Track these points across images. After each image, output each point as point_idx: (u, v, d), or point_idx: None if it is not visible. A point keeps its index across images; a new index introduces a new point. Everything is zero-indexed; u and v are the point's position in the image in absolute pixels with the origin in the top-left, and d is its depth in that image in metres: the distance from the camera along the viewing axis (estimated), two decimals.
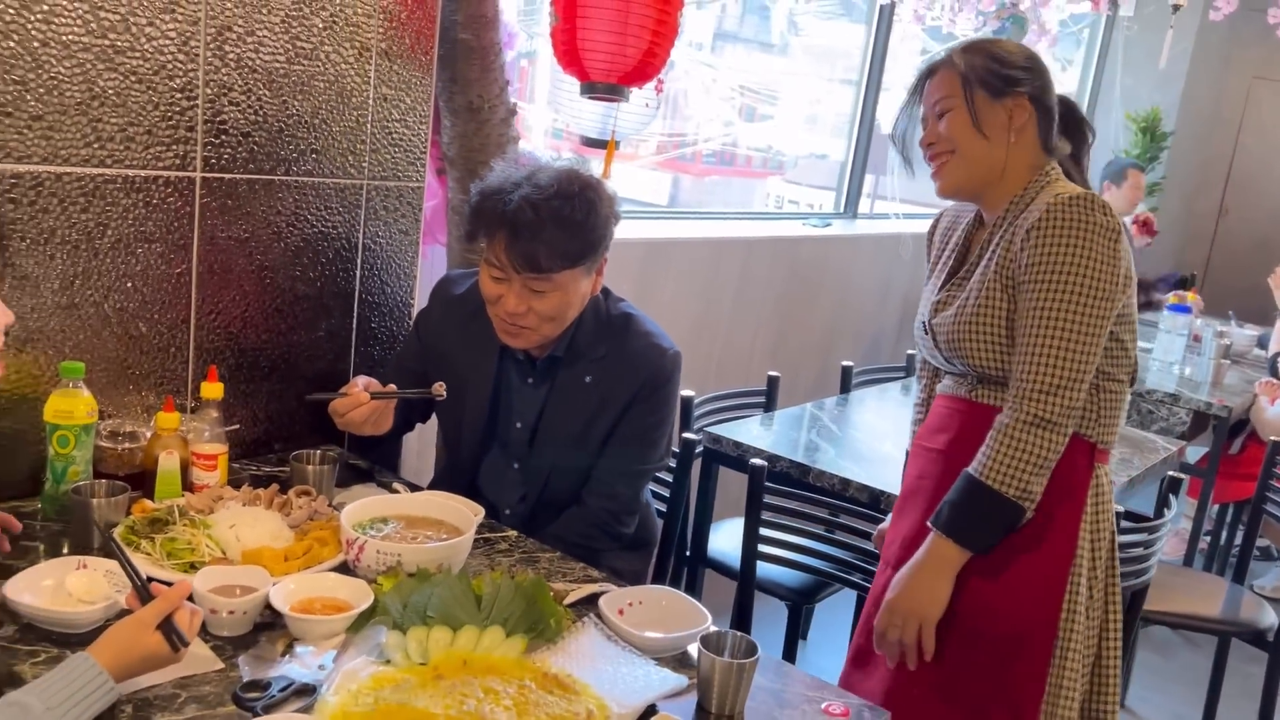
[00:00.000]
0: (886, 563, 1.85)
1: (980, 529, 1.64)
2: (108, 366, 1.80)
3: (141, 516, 1.60)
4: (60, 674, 1.16)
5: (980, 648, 1.70)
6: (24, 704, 1.11)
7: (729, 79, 4.52)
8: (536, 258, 1.76)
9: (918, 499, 1.80)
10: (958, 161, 1.73)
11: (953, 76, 1.73)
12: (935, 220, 1.96)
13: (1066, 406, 1.60)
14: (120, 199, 1.74)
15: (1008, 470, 1.61)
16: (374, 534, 1.60)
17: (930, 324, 1.79)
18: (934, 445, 1.80)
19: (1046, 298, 1.60)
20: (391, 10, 2.03)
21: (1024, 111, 1.71)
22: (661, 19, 2.08)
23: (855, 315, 4.38)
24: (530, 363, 1.95)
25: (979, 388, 1.75)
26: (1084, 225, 1.59)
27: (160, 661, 1.24)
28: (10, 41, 1.57)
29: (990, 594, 1.69)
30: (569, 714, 1.28)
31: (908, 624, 1.68)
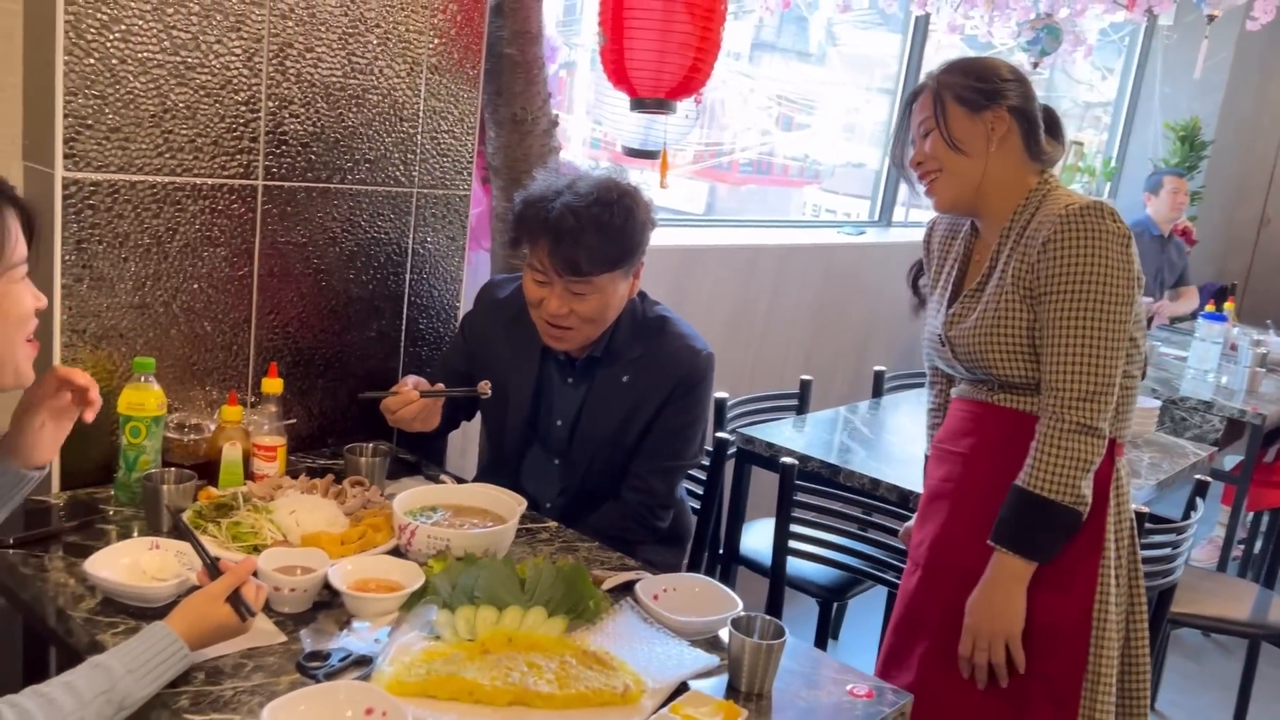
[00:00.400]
0: (916, 564, 1.91)
1: (1042, 539, 1.70)
2: (175, 363, 1.91)
3: (208, 502, 1.71)
4: (140, 641, 1.26)
5: (1020, 641, 1.74)
6: (108, 666, 1.22)
7: (766, 88, 4.59)
8: (578, 262, 1.86)
9: (943, 502, 1.87)
10: (945, 178, 1.81)
11: (930, 98, 1.81)
12: (930, 226, 2.03)
13: (1104, 410, 1.67)
14: (188, 205, 1.86)
15: (1059, 478, 1.67)
16: (424, 520, 1.70)
17: (947, 336, 1.85)
18: (957, 449, 1.86)
19: (1072, 307, 1.66)
20: (442, 27, 2.13)
21: (1003, 123, 1.78)
22: (704, 36, 2.16)
23: (888, 322, 4.43)
24: (570, 363, 2.04)
25: (999, 393, 1.81)
26: (1098, 234, 1.66)
27: (229, 631, 1.34)
28: (91, 59, 1.68)
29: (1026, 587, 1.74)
30: (607, 687, 1.36)
31: (994, 644, 1.73)
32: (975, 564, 1.75)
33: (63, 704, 1.15)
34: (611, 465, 2.04)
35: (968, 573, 1.77)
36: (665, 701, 1.37)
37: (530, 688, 1.34)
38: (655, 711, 1.34)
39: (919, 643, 1.86)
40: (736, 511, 2.78)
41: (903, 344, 4.55)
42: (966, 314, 1.82)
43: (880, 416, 3.13)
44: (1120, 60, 6.59)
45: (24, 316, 1.27)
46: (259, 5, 1.85)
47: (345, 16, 1.98)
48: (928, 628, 1.86)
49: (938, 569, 1.85)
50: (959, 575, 1.79)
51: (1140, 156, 6.54)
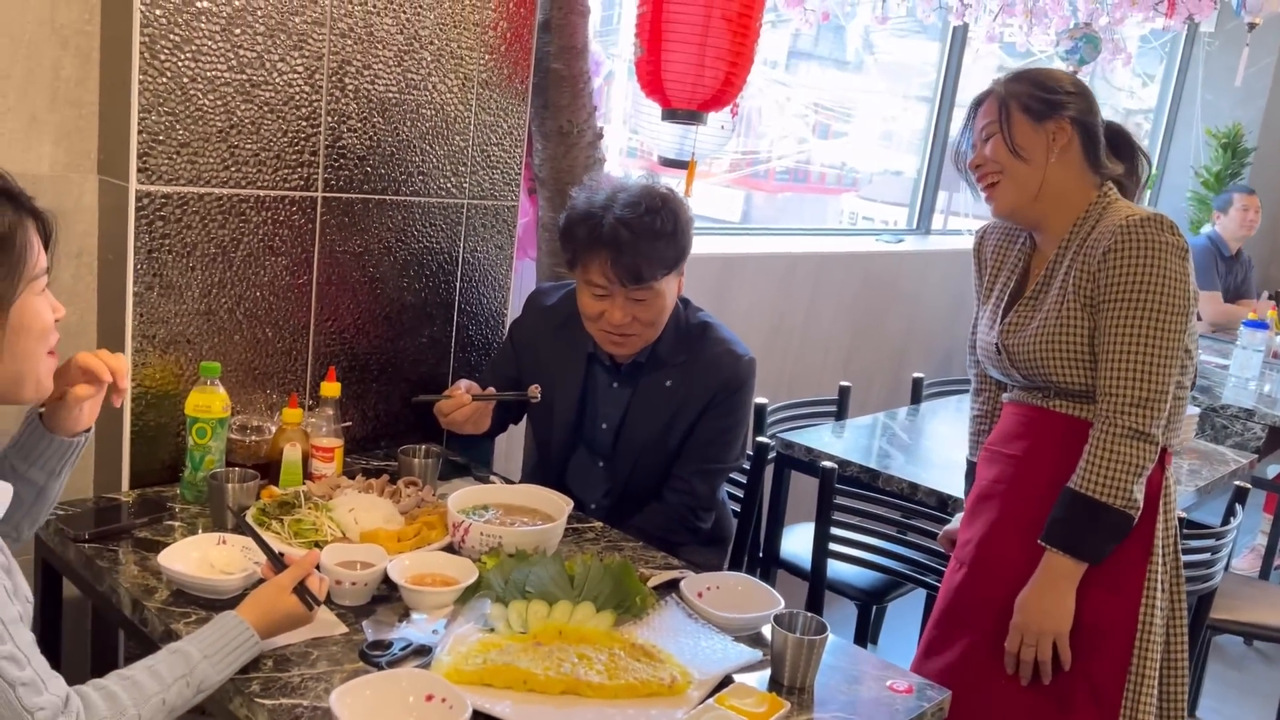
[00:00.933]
0: (961, 562, 1.94)
1: (1093, 540, 1.73)
2: (238, 367, 2.00)
3: (271, 500, 1.79)
4: (214, 629, 1.34)
5: (1068, 639, 1.77)
6: (186, 652, 1.29)
7: (803, 97, 4.63)
8: (640, 270, 1.93)
9: (992, 502, 1.90)
10: (1006, 184, 1.84)
11: (996, 104, 1.85)
12: (981, 234, 2.05)
13: (1158, 416, 1.71)
14: (252, 216, 1.94)
15: (1112, 481, 1.70)
16: (477, 518, 1.76)
17: (1003, 344, 1.88)
18: (1010, 451, 1.89)
19: (1129, 316, 1.70)
20: (492, 44, 2.21)
21: (1065, 134, 1.81)
22: (739, 49, 2.22)
23: (927, 330, 4.45)
24: (615, 368, 2.10)
25: (1055, 399, 1.84)
26: (1158, 246, 1.70)
27: (297, 620, 1.41)
28: (164, 78, 1.77)
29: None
30: (654, 679, 1.42)
31: (1042, 641, 1.76)
32: (1022, 563, 1.79)
33: (146, 686, 1.23)
34: (655, 468, 2.10)
35: (1014, 571, 1.80)
36: (710, 693, 1.42)
37: (581, 678, 1.40)
38: (701, 702, 1.40)
39: (961, 638, 1.90)
40: (776, 515, 2.83)
41: (941, 351, 4.57)
42: (1025, 322, 1.85)
43: (919, 423, 3.17)
44: (1161, 67, 6.56)
45: (45, 329, 1.25)
46: (320, 25, 1.94)
47: (401, 35, 2.06)
48: (971, 623, 1.89)
49: (984, 566, 1.89)
50: (1006, 573, 1.83)
51: (1182, 164, 6.50)
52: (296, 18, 1.90)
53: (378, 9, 2.01)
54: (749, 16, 2.22)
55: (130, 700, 1.21)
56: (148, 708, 1.22)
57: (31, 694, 1.13)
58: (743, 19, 2.21)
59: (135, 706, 1.21)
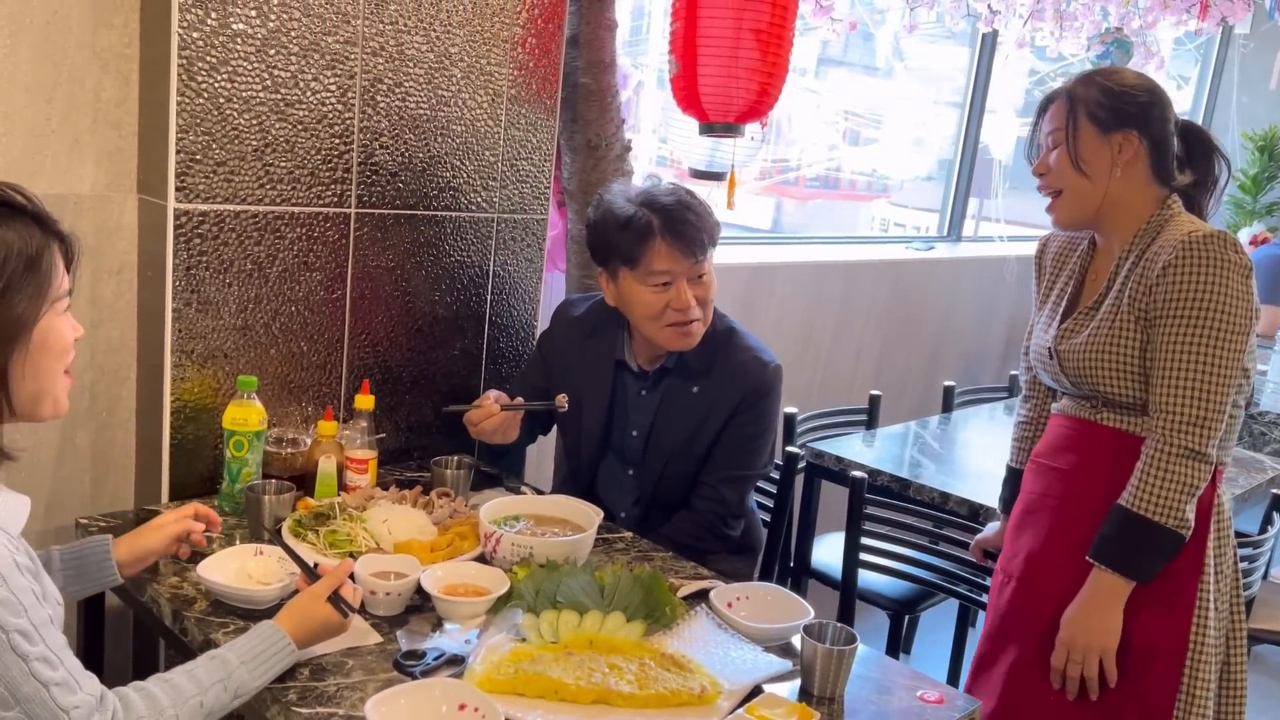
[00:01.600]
0: (1009, 575, 1.93)
1: (1142, 559, 1.71)
2: (274, 380, 2.03)
3: (306, 512, 1.82)
4: (252, 637, 1.37)
5: (1114, 656, 1.76)
6: (224, 658, 1.32)
7: (833, 104, 4.63)
8: (701, 239, 2.00)
9: (1040, 515, 1.89)
10: (1065, 200, 1.82)
11: (1064, 108, 1.80)
12: (1043, 242, 2.03)
13: (1213, 436, 1.68)
14: (287, 233, 1.98)
15: (1164, 500, 1.68)
16: (508, 529, 1.78)
17: (1056, 350, 1.87)
18: (1058, 465, 1.88)
19: (1188, 334, 1.67)
20: (521, 60, 2.24)
21: (1131, 147, 1.77)
22: (773, 61, 2.23)
23: (959, 337, 4.43)
24: (643, 375, 2.12)
25: (1103, 411, 1.82)
26: (1220, 263, 1.66)
27: (332, 629, 1.44)
28: (201, 98, 1.81)
29: (1126, 607, 1.74)
30: (684, 688, 1.43)
31: (1089, 658, 1.75)
32: (1072, 579, 1.77)
33: (184, 688, 1.27)
34: (683, 475, 2.11)
35: (1064, 587, 1.79)
36: (740, 703, 1.43)
37: (612, 687, 1.41)
38: (731, 712, 1.41)
39: (1010, 652, 1.88)
40: (807, 525, 2.83)
41: (973, 359, 4.55)
42: (1079, 330, 1.83)
43: (950, 431, 3.16)
44: (1196, 70, 6.50)
45: (65, 349, 1.28)
46: (352, 44, 1.97)
47: (431, 53, 2.09)
48: (1020, 638, 1.88)
49: (1033, 583, 1.88)
50: (1056, 591, 1.81)
51: None
52: (329, 38, 1.94)
53: (408, 28, 2.04)
54: (781, 27, 2.23)
55: (169, 701, 1.24)
56: (185, 709, 1.25)
57: (65, 694, 1.17)
58: (775, 29, 2.22)
59: (174, 708, 1.24)
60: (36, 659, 1.16)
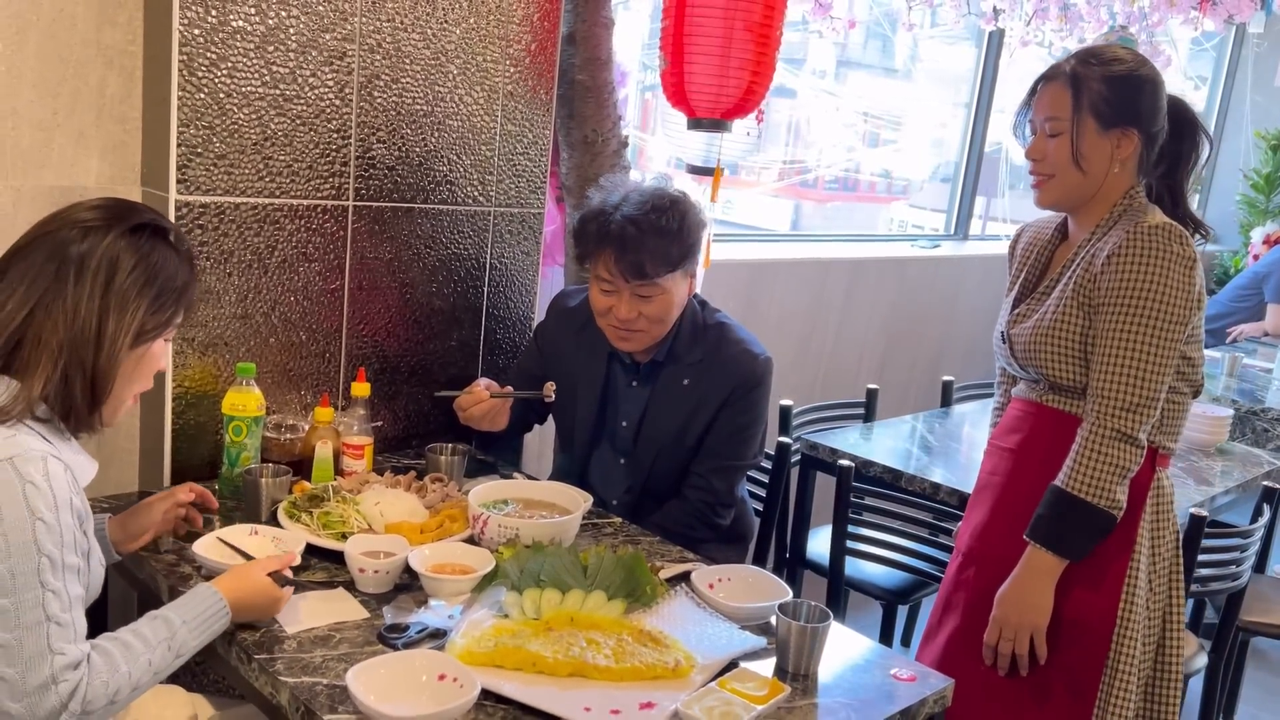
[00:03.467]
0: (959, 550, 1.99)
1: (1075, 538, 1.76)
2: (273, 368, 2.09)
3: (301, 495, 1.87)
4: (192, 598, 1.43)
5: (1045, 634, 1.80)
6: (167, 618, 1.39)
7: (852, 105, 4.65)
8: (643, 266, 1.99)
9: (988, 493, 1.95)
10: (1055, 185, 1.83)
11: (1066, 97, 1.77)
12: (1017, 234, 2.07)
13: (1145, 421, 1.73)
14: (286, 224, 2.04)
15: (1095, 481, 1.73)
16: (496, 512, 1.83)
17: (1009, 334, 1.92)
18: (1006, 445, 1.93)
19: (1126, 322, 1.72)
20: (517, 57, 2.29)
21: (1130, 144, 1.79)
22: (759, 59, 2.27)
23: (964, 335, 4.45)
24: (635, 367, 2.16)
25: (1049, 394, 1.87)
26: (1163, 255, 1.70)
27: (268, 596, 1.48)
28: (202, 93, 1.87)
29: (1056, 584, 1.79)
30: (660, 663, 1.47)
31: (1020, 635, 1.80)
32: (1010, 555, 1.82)
33: (134, 646, 1.33)
34: (675, 465, 2.15)
35: (1002, 563, 1.83)
36: (714, 677, 1.47)
37: (589, 661, 1.45)
38: (703, 685, 1.44)
39: (949, 624, 1.93)
40: (801, 516, 2.86)
41: (979, 356, 4.56)
42: (1029, 314, 1.88)
43: (948, 425, 3.18)
44: (1209, 68, 6.48)
45: (151, 374, 1.44)
46: (350, 41, 2.03)
47: (428, 50, 2.14)
48: (958, 610, 1.92)
49: (975, 558, 1.93)
50: (993, 564, 1.86)
51: (1230, 166, 6.41)
52: (327, 35, 1.99)
53: (405, 25, 2.10)
54: (769, 25, 2.27)
55: (121, 658, 1.30)
56: (136, 666, 1.31)
57: (61, 637, 1.23)
58: (763, 28, 2.26)
59: (126, 664, 1.30)
60: (52, 591, 1.23)
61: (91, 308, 1.30)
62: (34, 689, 1.21)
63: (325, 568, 1.71)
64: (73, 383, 1.31)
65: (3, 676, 1.22)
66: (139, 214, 1.39)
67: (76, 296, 1.30)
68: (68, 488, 1.28)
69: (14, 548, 1.22)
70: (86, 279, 1.31)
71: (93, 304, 1.30)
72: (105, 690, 1.27)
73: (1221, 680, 2.63)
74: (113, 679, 1.28)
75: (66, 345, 1.29)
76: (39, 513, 1.23)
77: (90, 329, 1.30)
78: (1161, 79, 1.81)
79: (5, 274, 1.32)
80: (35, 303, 1.29)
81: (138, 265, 1.34)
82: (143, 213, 1.40)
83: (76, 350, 1.30)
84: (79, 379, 1.31)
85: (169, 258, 1.38)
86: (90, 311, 1.30)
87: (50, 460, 1.27)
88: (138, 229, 1.36)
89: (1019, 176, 5.18)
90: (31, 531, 1.23)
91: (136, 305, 1.34)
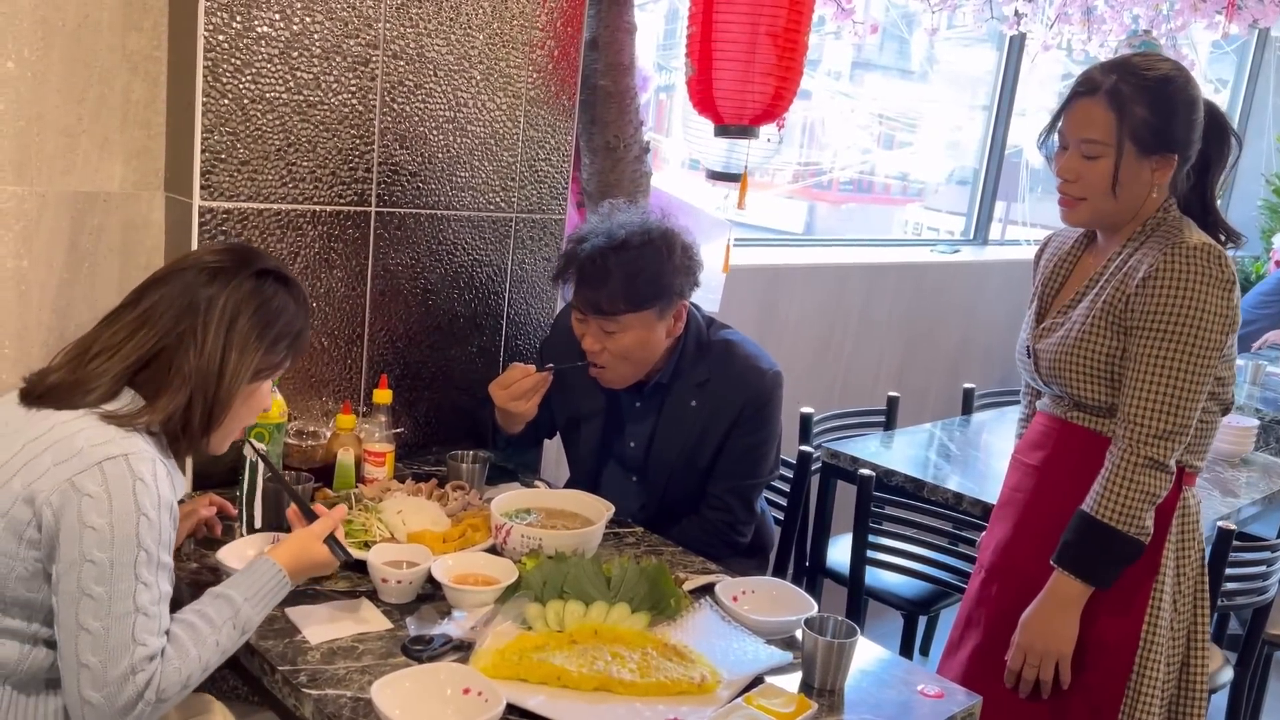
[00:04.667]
0: (980, 566, 1.96)
1: (1103, 566, 1.73)
2: (295, 375, 2.08)
3: (323, 502, 1.86)
4: (252, 573, 1.44)
5: (1070, 661, 1.77)
6: (228, 596, 1.40)
7: (867, 107, 4.63)
8: (599, 302, 1.96)
9: (1011, 509, 1.92)
10: (1085, 209, 1.77)
11: (1107, 120, 1.70)
12: (1043, 244, 2.03)
13: (1177, 448, 1.70)
14: (308, 230, 2.03)
15: (1124, 508, 1.70)
16: (519, 521, 1.82)
17: (1034, 348, 1.88)
18: (1030, 461, 1.91)
19: (1162, 347, 1.68)
20: (540, 62, 2.28)
21: (1169, 169, 1.73)
22: (787, 63, 2.25)
23: (984, 341, 4.42)
24: (637, 387, 2.13)
25: (1074, 411, 1.84)
26: (1201, 277, 1.66)
27: (323, 567, 1.53)
28: (226, 99, 1.87)
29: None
30: (685, 678, 1.46)
31: (1045, 663, 1.77)
32: (1033, 573, 1.79)
33: (202, 629, 1.35)
34: (688, 485, 2.13)
35: (1025, 579, 1.81)
36: (740, 693, 1.46)
37: (614, 675, 1.44)
38: (730, 701, 1.43)
39: (971, 641, 1.92)
40: (821, 525, 2.84)
41: (998, 363, 4.53)
42: (1055, 328, 1.84)
43: (969, 434, 3.16)
44: (1233, 73, 6.43)
45: (259, 408, 1.53)
46: (374, 47, 2.02)
47: (451, 55, 2.13)
48: (979, 627, 1.91)
49: (998, 575, 1.90)
50: (1015, 582, 1.84)
51: (1253, 171, 6.36)
52: (351, 40, 1.99)
53: (429, 31, 2.09)
54: (796, 30, 2.26)
55: (191, 643, 1.33)
56: (205, 649, 1.34)
57: (146, 629, 1.27)
58: (790, 33, 2.25)
59: (195, 648, 1.33)
60: (144, 584, 1.28)
61: (217, 344, 1.41)
62: (114, 679, 1.25)
63: (347, 577, 1.70)
64: (194, 408, 1.40)
65: (86, 664, 1.25)
66: (263, 260, 1.49)
67: (205, 332, 1.40)
68: (171, 491, 1.36)
69: (118, 539, 1.27)
70: (214, 316, 1.41)
71: (218, 341, 1.41)
72: (179, 677, 1.30)
73: (1246, 694, 2.60)
74: (184, 665, 1.31)
75: (194, 374, 1.39)
76: (144, 509, 1.29)
77: (215, 362, 1.41)
78: (1199, 91, 1.75)
79: (139, 302, 1.43)
80: (167, 331, 1.40)
81: (260, 309, 1.45)
82: (266, 259, 1.50)
83: (202, 380, 1.40)
84: (200, 405, 1.41)
85: (288, 304, 1.48)
86: (216, 347, 1.41)
87: (159, 463, 1.35)
88: (262, 274, 1.46)
89: (1037, 180, 5.15)
90: (135, 525, 1.28)
91: (256, 346, 1.44)
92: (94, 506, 1.27)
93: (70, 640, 1.26)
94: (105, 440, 1.31)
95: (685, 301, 2.07)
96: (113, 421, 1.34)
